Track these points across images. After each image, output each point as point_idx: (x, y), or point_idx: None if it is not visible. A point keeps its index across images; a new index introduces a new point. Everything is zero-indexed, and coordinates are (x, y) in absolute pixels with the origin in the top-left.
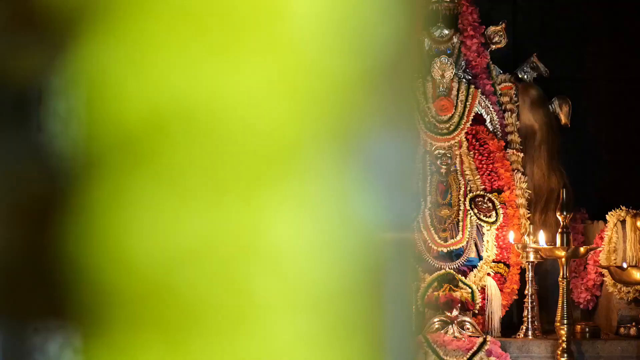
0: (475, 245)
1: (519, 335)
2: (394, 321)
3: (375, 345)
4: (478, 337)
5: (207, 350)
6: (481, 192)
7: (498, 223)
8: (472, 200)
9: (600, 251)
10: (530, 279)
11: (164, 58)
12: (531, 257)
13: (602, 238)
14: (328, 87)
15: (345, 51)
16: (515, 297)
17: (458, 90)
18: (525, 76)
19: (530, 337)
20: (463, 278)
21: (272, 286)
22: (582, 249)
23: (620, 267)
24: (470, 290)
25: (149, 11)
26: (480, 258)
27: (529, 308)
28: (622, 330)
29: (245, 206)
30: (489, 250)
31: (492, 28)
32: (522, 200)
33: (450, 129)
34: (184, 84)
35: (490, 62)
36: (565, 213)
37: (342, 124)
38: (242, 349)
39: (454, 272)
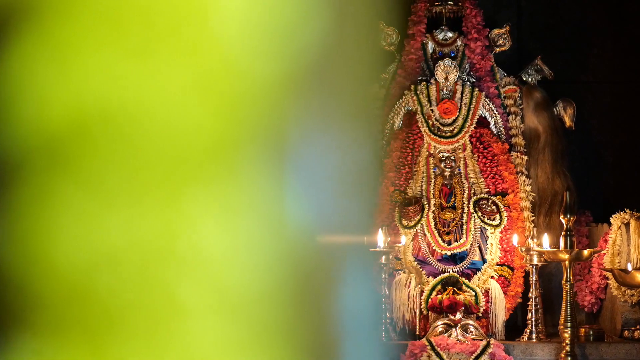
0: (479, 248)
1: (522, 338)
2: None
3: (301, 351)
4: (481, 340)
5: (128, 352)
6: (485, 195)
7: (502, 226)
8: (476, 203)
9: (605, 254)
10: (534, 282)
11: (85, 61)
12: (535, 260)
13: (606, 241)
14: (252, 89)
15: (269, 53)
16: (519, 300)
17: (462, 93)
18: (530, 79)
19: (534, 340)
20: (467, 281)
21: (194, 290)
22: (585, 252)
23: (624, 270)
24: (473, 294)
25: (71, 15)
26: (484, 261)
27: (533, 311)
28: (626, 333)
29: (167, 210)
30: (493, 253)
31: (496, 31)
32: (526, 203)
33: (454, 131)
34: (105, 87)
35: (495, 65)
36: (568, 216)
37: (266, 126)
38: (163, 351)
39: (458, 275)
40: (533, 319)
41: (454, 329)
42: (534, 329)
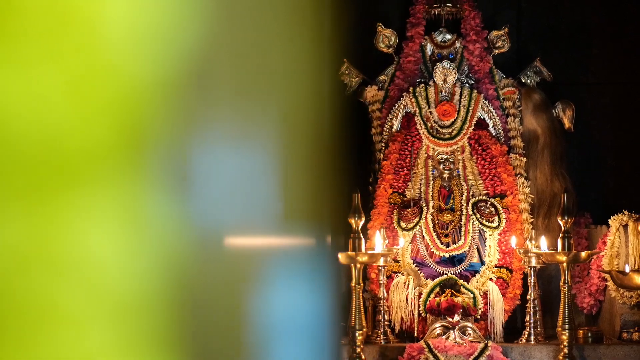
0: (478, 250)
1: (521, 340)
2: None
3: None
4: (479, 342)
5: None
6: (484, 197)
7: (501, 228)
8: (474, 205)
9: (603, 256)
10: (532, 284)
11: None
12: (533, 262)
13: (604, 243)
14: (133, 93)
15: (150, 58)
16: (518, 302)
17: (461, 95)
18: (529, 80)
19: (532, 342)
20: (465, 283)
21: (72, 295)
22: (583, 254)
23: (622, 272)
24: (472, 296)
25: None
26: (482, 263)
27: (531, 313)
28: (624, 335)
29: (40, 215)
30: (492, 255)
31: (494, 32)
32: (525, 205)
33: (453, 133)
34: None
35: (493, 67)
36: (566, 218)
37: (148, 131)
38: (44, 358)
39: (456, 278)
40: (531, 321)
41: (451, 331)
42: (532, 331)
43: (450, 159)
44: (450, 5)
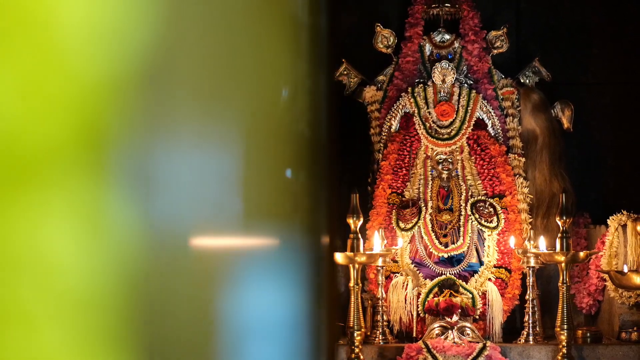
0: (476, 250)
1: (520, 340)
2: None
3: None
4: (478, 342)
5: None
6: (483, 197)
7: (499, 228)
8: (473, 205)
9: (602, 256)
10: (530, 284)
11: None
12: (532, 262)
13: (603, 242)
14: (86, 93)
15: (103, 57)
16: (516, 303)
17: (459, 95)
18: (527, 80)
19: (531, 342)
20: (464, 283)
21: (31, 294)
22: (581, 254)
23: (621, 272)
24: (470, 296)
25: None
26: (481, 263)
27: (530, 313)
28: (623, 335)
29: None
30: (490, 255)
31: (493, 33)
32: (523, 205)
33: (452, 134)
34: None
35: (492, 67)
36: (564, 218)
37: (102, 130)
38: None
39: (455, 278)
40: (530, 321)
41: (450, 332)
42: (531, 331)
43: (449, 159)
44: (448, 5)
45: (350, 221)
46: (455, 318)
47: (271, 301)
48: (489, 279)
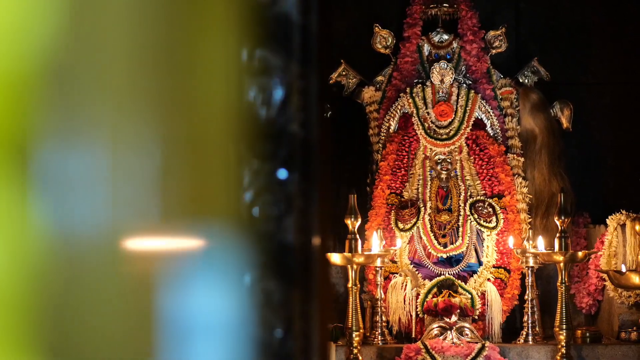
0: (475, 250)
1: (519, 340)
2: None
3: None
4: (477, 343)
5: None
6: (481, 198)
7: (498, 228)
8: (472, 205)
9: (601, 255)
10: (529, 284)
11: None
12: (531, 262)
13: (602, 242)
14: None
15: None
16: (516, 303)
17: (458, 96)
18: (526, 80)
19: (530, 342)
20: (463, 284)
21: None
22: (580, 254)
23: (619, 272)
24: (469, 296)
25: None
26: (480, 264)
27: (529, 313)
28: (623, 334)
29: None
30: (489, 255)
31: (492, 32)
32: (522, 205)
33: (450, 134)
34: None
35: (491, 67)
36: (563, 217)
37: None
38: None
39: (454, 278)
40: (529, 321)
41: (449, 332)
42: (530, 331)
43: (448, 160)
44: (447, 5)
45: (348, 222)
46: (454, 318)
47: (205, 303)
48: (488, 279)
